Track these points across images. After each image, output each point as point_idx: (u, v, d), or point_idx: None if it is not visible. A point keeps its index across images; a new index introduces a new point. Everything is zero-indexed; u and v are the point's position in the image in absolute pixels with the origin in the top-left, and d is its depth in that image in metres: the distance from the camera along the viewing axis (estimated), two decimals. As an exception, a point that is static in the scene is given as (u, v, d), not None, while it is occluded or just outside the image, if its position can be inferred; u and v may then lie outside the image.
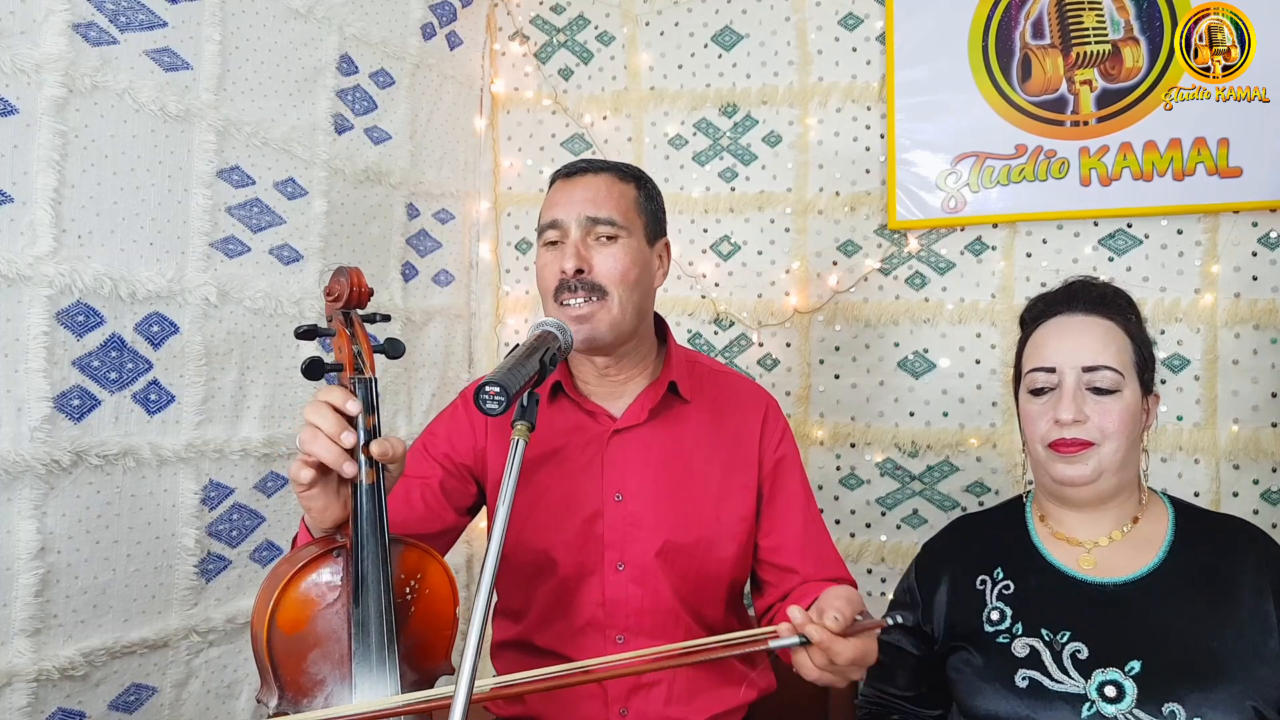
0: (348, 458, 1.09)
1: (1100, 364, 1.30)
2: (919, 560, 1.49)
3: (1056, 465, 1.32)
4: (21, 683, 1.41)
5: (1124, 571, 1.32)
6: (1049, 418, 1.32)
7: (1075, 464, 1.30)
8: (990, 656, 1.31)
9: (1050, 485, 1.36)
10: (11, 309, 1.40)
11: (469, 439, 1.48)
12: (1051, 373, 1.33)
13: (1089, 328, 1.33)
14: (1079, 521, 1.37)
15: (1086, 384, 1.30)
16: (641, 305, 1.43)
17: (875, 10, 2.27)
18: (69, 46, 1.46)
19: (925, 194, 2.20)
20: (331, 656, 1.11)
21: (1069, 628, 1.28)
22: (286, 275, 1.89)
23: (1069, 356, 1.32)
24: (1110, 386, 1.30)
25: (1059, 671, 1.26)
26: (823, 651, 1.10)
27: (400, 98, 2.21)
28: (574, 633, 1.43)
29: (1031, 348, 1.38)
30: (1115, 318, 1.35)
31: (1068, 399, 1.30)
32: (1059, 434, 1.30)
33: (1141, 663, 1.23)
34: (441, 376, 2.40)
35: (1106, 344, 1.32)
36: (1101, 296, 1.37)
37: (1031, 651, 1.29)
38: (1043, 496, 1.42)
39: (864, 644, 1.13)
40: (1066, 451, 1.30)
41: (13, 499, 1.41)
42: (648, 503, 1.42)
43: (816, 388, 2.32)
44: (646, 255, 1.44)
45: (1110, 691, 1.23)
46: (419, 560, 1.19)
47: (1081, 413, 1.29)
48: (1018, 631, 1.31)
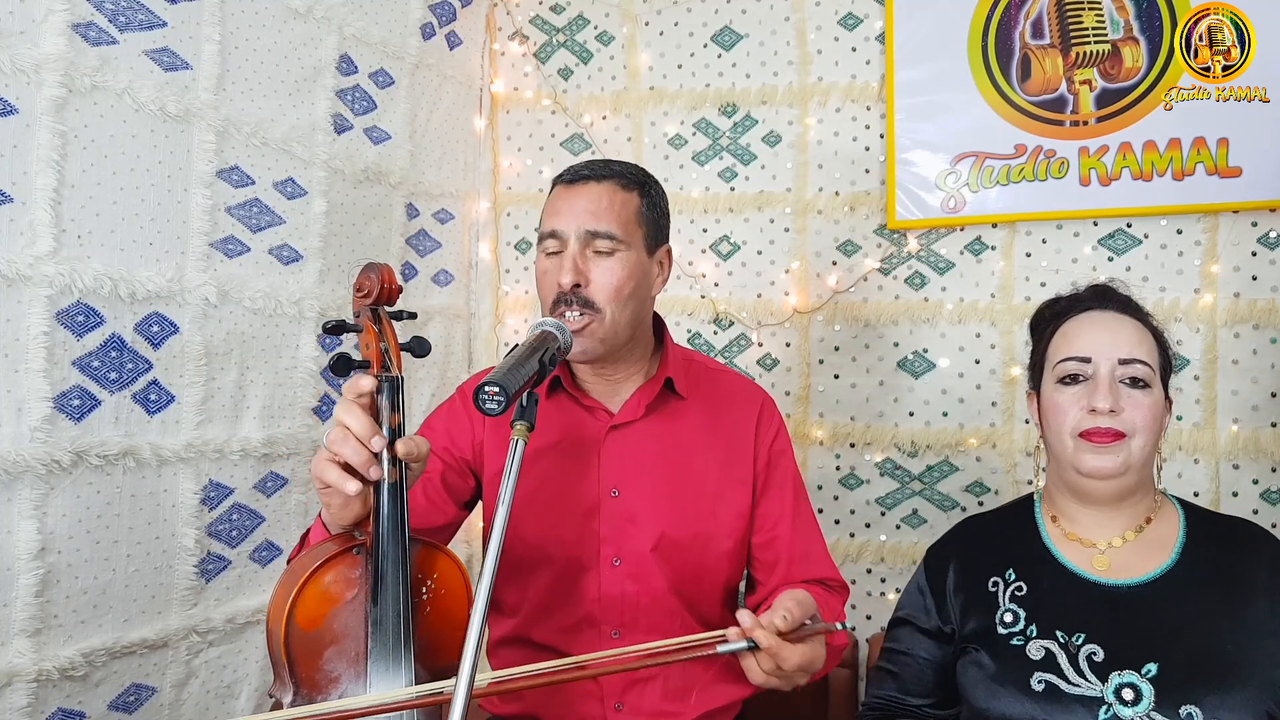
0: (374, 462, 1.09)
1: (1136, 357, 1.30)
2: (927, 563, 1.47)
3: (1085, 456, 1.30)
4: (21, 683, 1.41)
5: (1137, 573, 1.31)
6: (1082, 406, 1.30)
7: (1105, 455, 1.29)
8: (1004, 659, 1.30)
9: (1073, 479, 1.34)
10: (11, 309, 1.40)
11: (467, 432, 1.49)
12: (1086, 362, 1.32)
13: (1122, 323, 1.34)
14: (1093, 521, 1.36)
15: (1121, 376, 1.30)
16: (636, 316, 1.42)
17: (875, 10, 2.27)
18: (68, 46, 1.45)
19: (925, 194, 2.20)
20: (348, 654, 1.11)
21: (1084, 630, 1.27)
22: (286, 275, 1.89)
23: (1105, 348, 1.31)
24: (1144, 379, 1.30)
25: (1075, 674, 1.25)
26: (770, 656, 1.09)
27: (400, 98, 2.21)
28: (570, 627, 1.43)
29: (1061, 339, 1.37)
30: (1144, 319, 1.37)
31: (1104, 388, 1.29)
32: (1093, 423, 1.29)
33: (1158, 665, 1.22)
34: (441, 376, 2.40)
35: (1140, 339, 1.33)
36: (1129, 300, 1.39)
37: (1047, 654, 1.27)
38: (1058, 494, 1.40)
39: (811, 650, 1.12)
40: (1099, 441, 1.29)
41: (13, 499, 1.41)
42: (644, 498, 1.43)
43: (816, 388, 2.32)
44: (645, 265, 1.43)
45: (1128, 694, 1.21)
46: (436, 560, 1.19)
47: (1117, 403, 1.28)
48: (1032, 634, 1.30)
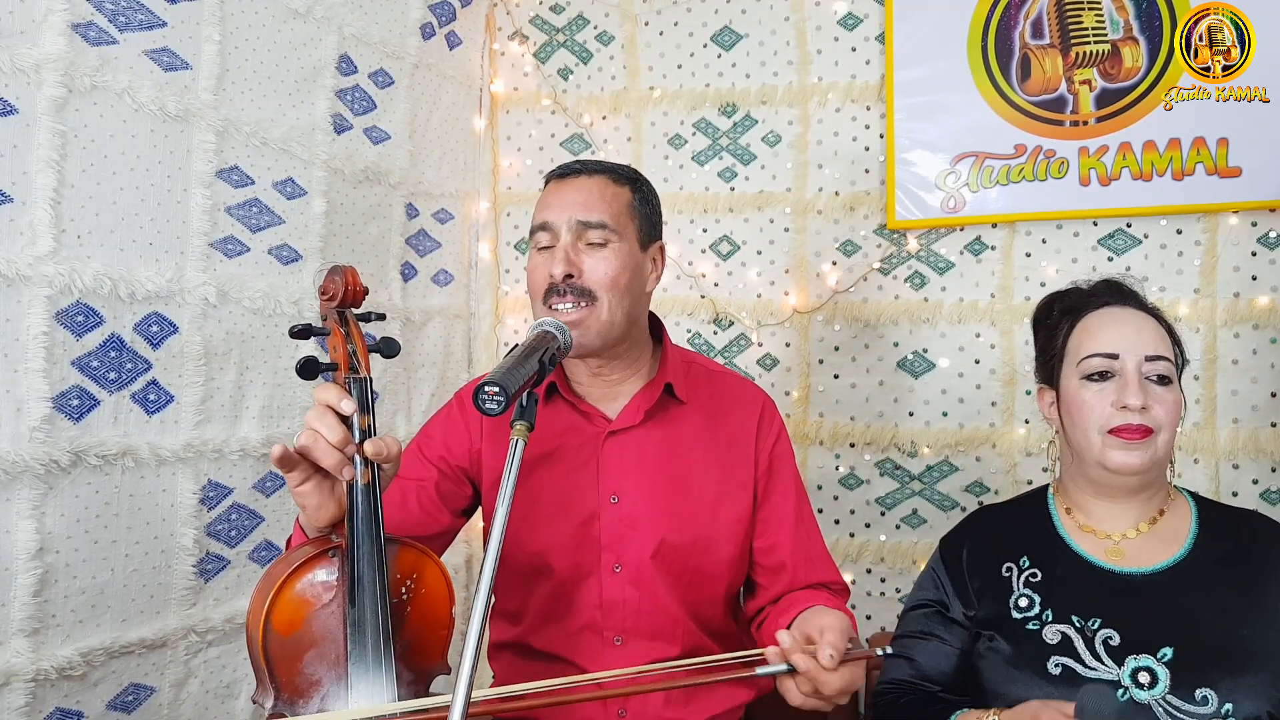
0: (347, 463, 1.09)
1: (1160, 354, 1.32)
2: (943, 550, 1.47)
3: (1114, 452, 1.31)
4: (20, 682, 1.41)
5: (1151, 562, 1.32)
6: (1111, 402, 1.31)
7: (1134, 451, 1.30)
8: (1020, 644, 1.31)
9: (1097, 474, 1.35)
10: (11, 309, 1.40)
11: (464, 441, 1.47)
12: (1114, 359, 1.33)
13: (1145, 320, 1.35)
14: (1108, 513, 1.37)
15: (1147, 373, 1.32)
16: (632, 310, 1.41)
17: (874, 10, 2.27)
18: (68, 46, 1.46)
19: (924, 194, 2.20)
20: (327, 657, 1.11)
21: (1099, 615, 1.29)
22: (286, 275, 1.89)
23: (1131, 345, 1.32)
24: (1169, 376, 1.32)
25: (1092, 658, 1.26)
26: (809, 680, 1.09)
27: (399, 97, 2.21)
28: (571, 635, 1.42)
29: (1083, 334, 1.37)
30: (1160, 317, 1.38)
31: (1134, 385, 1.30)
32: (1124, 419, 1.30)
33: (1173, 649, 1.24)
34: (441, 376, 2.40)
35: (1161, 337, 1.34)
36: (1144, 298, 1.40)
37: (1063, 638, 1.29)
38: (1074, 488, 1.41)
39: (851, 673, 1.12)
40: (1130, 438, 1.29)
41: (11, 499, 1.41)
42: (644, 504, 1.42)
43: (816, 388, 2.32)
44: (638, 259, 1.43)
45: (1144, 678, 1.23)
46: (415, 560, 1.18)
47: (1147, 400, 1.30)
48: (1048, 618, 1.31)
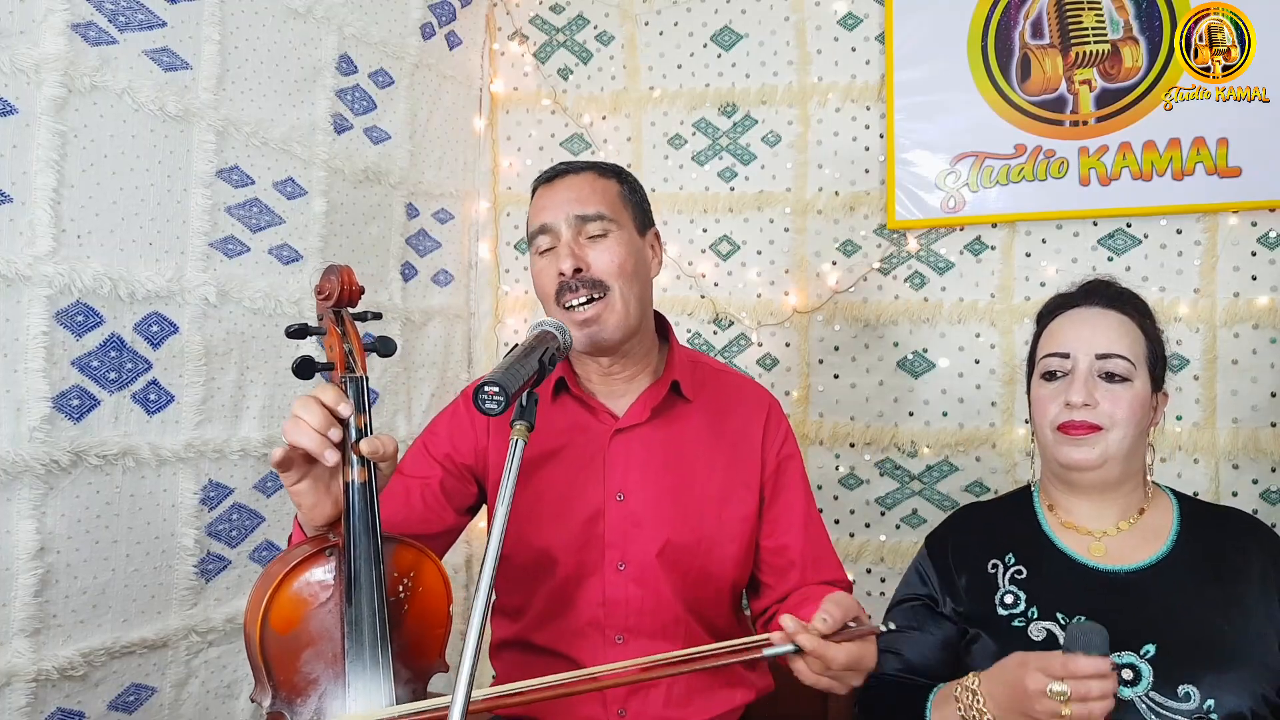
0: (329, 445, 1.08)
1: (1113, 352, 1.33)
2: (929, 547, 1.49)
3: (1064, 448, 1.34)
4: (20, 683, 1.41)
5: (1133, 560, 1.34)
6: (1059, 401, 1.35)
7: (1082, 447, 1.33)
8: (1006, 641, 1.32)
9: (1057, 470, 1.39)
10: (11, 309, 1.40)
11: (470, 439, 1.48)
12: (1065, 358, 1.36)
13: (1104, 318, 1.37)
14: (1087, 510, 1.39)
15: (1099, 370, 1.34)
16: (642, 296, 1.43)
17: (874, 10, 2.27)
18: (68, 46, 1.46)
19: (924, 194, 2.20)
20: (325, 656, 1.11)
21: (1083, 612, 1.30)
22: (286, 275, 1.89)
23: (1083, 343, 1.35)
24: (1122, 374, 1.33)
25: None
26: (816, 658, 1.10)
27: (399, 97, 2.21)
28: (573, 632, 1.42)
29: (1047, 336, 1.42)
30: (1130, 313, 1.38)
31: (1079, 383, 1.33)
32: (1068, 416, 1.33)
33: (1156, 646, 1.25)
34: (441, 376, 2.40)
35: (1120, 334, 1.35)
36: (1119, 294, 1.41)
37: (1048, 635, 1.30)
38: (1050, 484, 1.44)
39: (859, 649, 1.13)
40: (1075, 434, 1.33)
41: (12, 499, 1.41)
42: (649, 502, 1.42)
43: (816, 387, 2.32)
44: (639, 245, 1.44)
45: (1127, 675, 1.24)
46: (412, 558, 1.18)
47: (1092, 397, 1.32)
48: (1033, 615, 1.33)
